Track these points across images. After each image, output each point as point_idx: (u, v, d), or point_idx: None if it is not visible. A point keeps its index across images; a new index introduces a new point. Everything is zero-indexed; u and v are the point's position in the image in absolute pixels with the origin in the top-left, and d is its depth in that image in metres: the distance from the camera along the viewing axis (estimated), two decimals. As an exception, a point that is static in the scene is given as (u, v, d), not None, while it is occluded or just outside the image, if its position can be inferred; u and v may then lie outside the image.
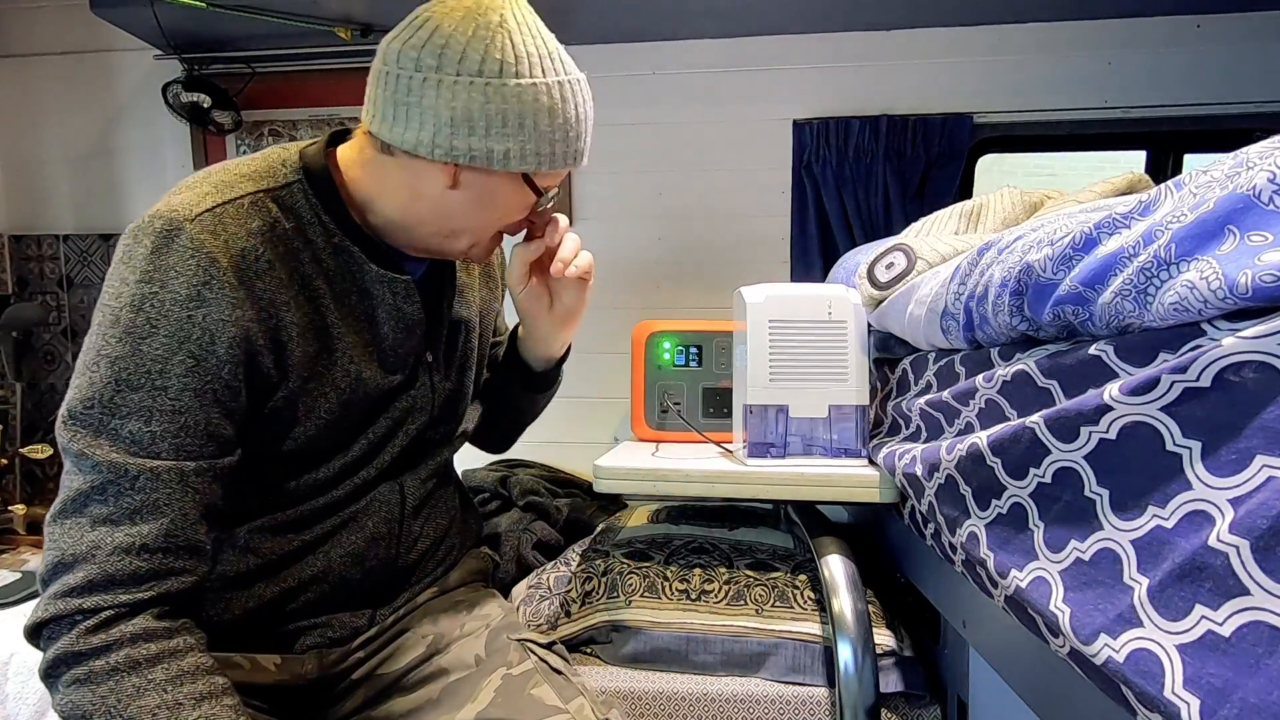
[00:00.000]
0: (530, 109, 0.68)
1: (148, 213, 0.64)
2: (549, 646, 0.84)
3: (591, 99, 0.75)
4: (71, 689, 0.57)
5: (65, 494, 0.60)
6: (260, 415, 0.69)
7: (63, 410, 0.61)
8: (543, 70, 0.69)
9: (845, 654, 0.88)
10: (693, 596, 1.04)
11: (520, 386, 0.99)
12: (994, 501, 0.63)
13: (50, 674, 0.59)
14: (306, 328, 0.69)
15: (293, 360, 0.68)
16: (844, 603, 0.91)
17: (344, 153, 0.75)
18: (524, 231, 0.83)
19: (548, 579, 1.13)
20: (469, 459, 1.76)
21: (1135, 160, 1.97)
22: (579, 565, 1.12)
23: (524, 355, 0.96)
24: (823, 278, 1.80)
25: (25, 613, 1.54)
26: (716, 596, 1.04)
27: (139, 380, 0.60)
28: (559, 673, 0.79)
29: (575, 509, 1.46)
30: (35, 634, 0.60)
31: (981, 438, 0.65)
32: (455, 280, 0.86)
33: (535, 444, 1.93)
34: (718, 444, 1.20)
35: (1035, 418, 0.57)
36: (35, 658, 1.27)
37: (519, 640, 0.82)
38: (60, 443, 0.61)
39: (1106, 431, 0.50)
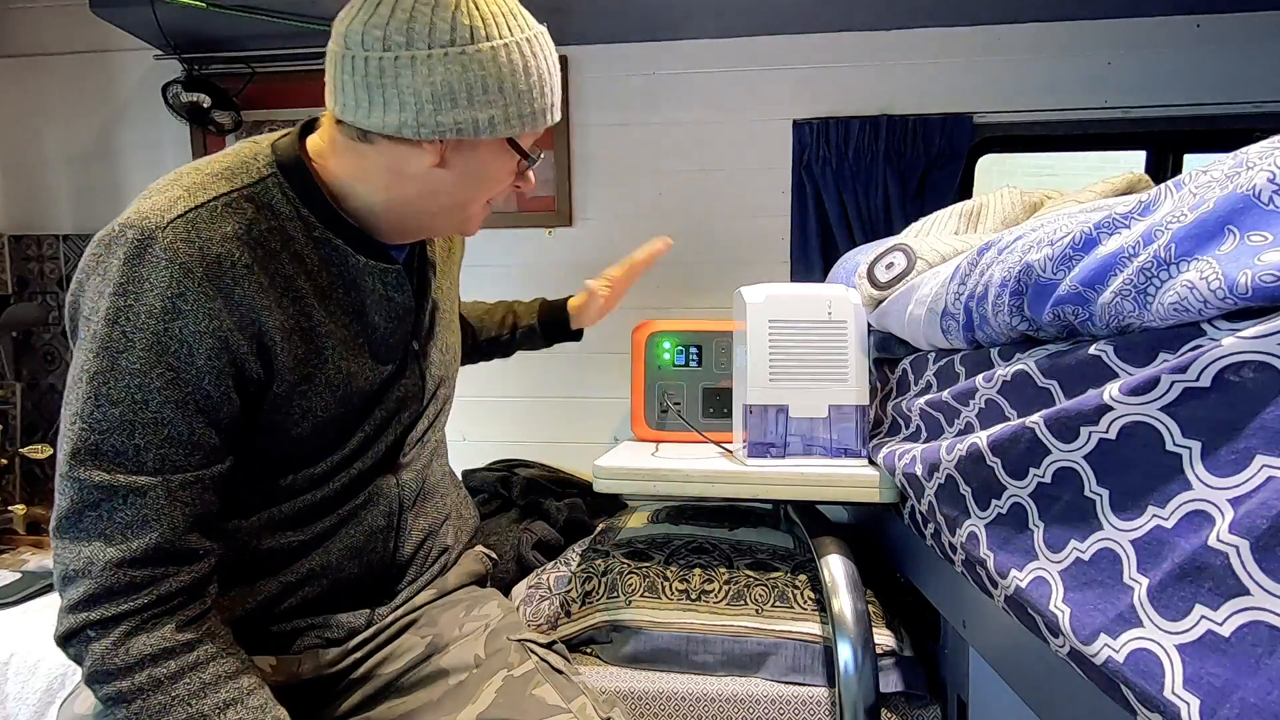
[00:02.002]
0: (506, 71, 0.67)
1: (118, 220, 0.62)
2: (549, 646, 0.84)
3: (554, 51, 0.73)
4: (109, 705, 0.62)
5: (60, 507, 0.61)
6: (256, 419, 0.68)
7: (59, 429, 0.62)
8: (509, 29, 0.68)
9: (845, 654, 0.88)
10: (693, 596, 1.04)
11: (545, 342, 1.21)
12: (994, 501, 0.63)
13: (90, 687, 0.63)
14: (292, 330, 0.68)
15: (279, 364, 0.68)
16: (844, 603, 0.91)
17: (314, 143, 0.73)
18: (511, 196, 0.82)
19: (548, 579, 1.13)
20: (469, 459, 1.77)
21: (1135, 160, 1.97)
22: (579, 565, 1.12)
23: (573, 326, 1.20)
24: (823, 278, 1.80)
25: (25, 612, 1.54)
26: (716, 596, 1.04)
27: (119, 394, 0.60)
28: (560, 673, 0.79)
29: (575, 509, 1.46)
30: (62, 646, 0.63)
31: (981, 438, 0.65)
32: (433, 264, 0.85)
33: (535, 444, 1.95)
34: (718, 444, 1.20)
35: (1035, 418, 0.57)
36: (35, 658, 1.27)
37: (519, 641, 0.82)
38: (57, 457, 0.62)
39: (1106, 431, 0.50)
